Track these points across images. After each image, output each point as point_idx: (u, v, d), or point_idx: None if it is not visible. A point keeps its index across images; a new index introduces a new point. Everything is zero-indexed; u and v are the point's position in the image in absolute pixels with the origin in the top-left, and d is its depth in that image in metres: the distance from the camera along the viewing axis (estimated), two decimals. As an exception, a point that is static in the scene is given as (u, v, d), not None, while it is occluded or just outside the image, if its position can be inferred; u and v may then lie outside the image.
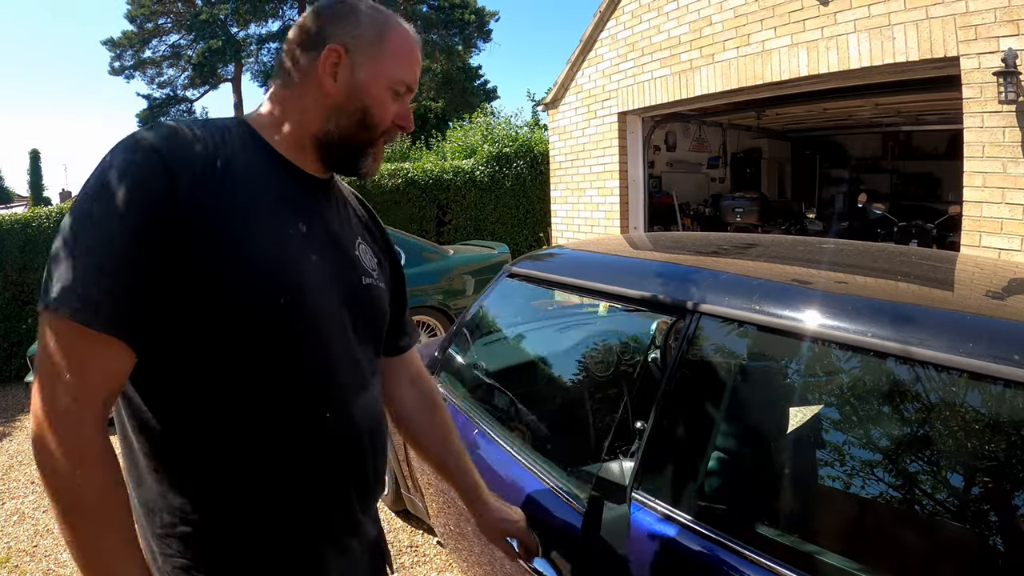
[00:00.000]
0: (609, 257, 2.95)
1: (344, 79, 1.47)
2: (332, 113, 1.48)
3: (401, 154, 21.81)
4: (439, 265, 8.93)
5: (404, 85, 1.54)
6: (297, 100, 1.49)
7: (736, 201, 11.72)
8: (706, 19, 7.80)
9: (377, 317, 1.66)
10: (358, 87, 1.48)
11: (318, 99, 1.48)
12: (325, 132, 1.49)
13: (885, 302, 1.78)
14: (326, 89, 1.46)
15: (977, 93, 5.24)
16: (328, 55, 1.45)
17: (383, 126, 1.54)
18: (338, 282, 1.51)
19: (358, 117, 1.50)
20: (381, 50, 1.49)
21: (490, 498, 2.01)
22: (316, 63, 1.46)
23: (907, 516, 1.58)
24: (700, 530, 1.75)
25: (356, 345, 1.55)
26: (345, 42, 1.46)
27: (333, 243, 1.53)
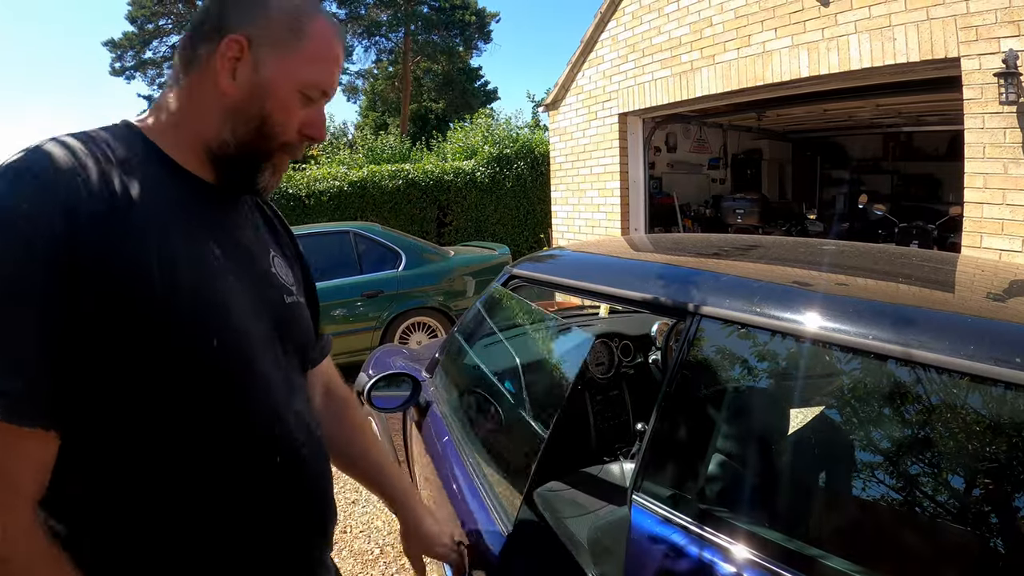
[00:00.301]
0: (610, 259, 2.95)
1: (245, 77, 1.26)
2: (228, 117, 1.28)
3: (402, 155, 21.84)
4: (440, 266, 8.94)
5: (318, 89, 1.34)
6: (191, 100, 1.29)
7: (737, 202, 11.72)
8: (706, 20, 7.80)
9: (304, 338, 1.51)
10: (260, 88, 1.27)
11: (213, 99, 1.27)
12: (219, 141, 1.29)
13: (886, 304, 1.77)
14: (222, 88, 1.26)
15: (978, 94, 5.24)
16: (227, 47, 1.25)
17: (285, 136, 1.33)
18: (264, 308, 1.35)
19: (256, 124, 1.29)
20: (293, 46, 1.29)
21: (419, 510, 1.86)
22: (214, 56, 1.25)
23: (910, 519, 1.58)
24: (701, 532, 1.75)
25: (291, 374, 1.41)
26: (249, 32, 1.25)
27: (250, 263, 1.37)
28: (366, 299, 8.28)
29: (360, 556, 4.40)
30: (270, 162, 1.36)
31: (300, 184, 13.63)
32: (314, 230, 9.05)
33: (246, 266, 1.34)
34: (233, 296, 1.26)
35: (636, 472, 2.00)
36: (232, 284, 1.27)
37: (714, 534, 1.72)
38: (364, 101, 46.48)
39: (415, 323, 8.57)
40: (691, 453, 1.99)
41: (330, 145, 23.47)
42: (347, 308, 8.19)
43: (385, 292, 8.37)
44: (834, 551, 1.54)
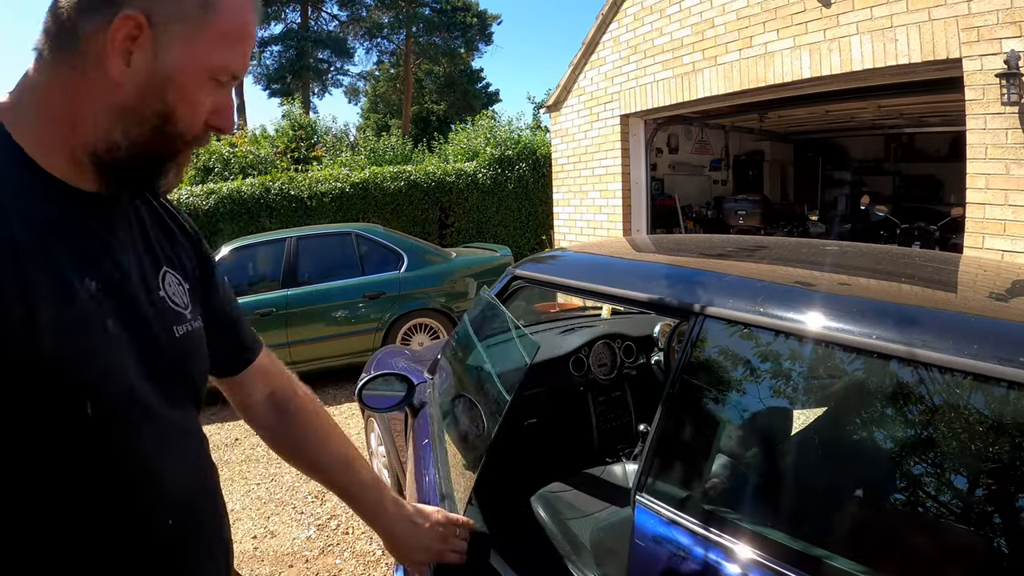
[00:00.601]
0: (613, 259, 2.95)
1: (142, 64, 1.01)
2: (119, 115, 1.03)
3: (404, 157, 21.86)
4: (441, 268, 8.95)
5: (229, 73, 1.10)
6: (68, 90, 1.02)
7: (739, 204, 11.72)
8: (708, 21, 7.81)
9: (195, 373, 1.29)
10: (163, 77, 1.03)
11: (100, 92, 1.01)
12: (108, 144, 1.04)
13: (890, 304, 1.77)
14: (113, 77, 0.99)
15: (980, 95, 5.24)
16: (121, 26, 0.97)
17: (193, 132, 1.11)
18: (148, 350, 1.13)
19: (156, 123, 1.06)
20: (203, 22, 1.04)
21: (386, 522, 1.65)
22: (102, 36, 0.98)
23: (916, 520, 1.58)
24: (706, 533, 1.75)
25: (181, 418, 1.22)
26: (150, 8, 0.99)
27: (134, 294, 1.14)
28: (368, 300, 8.29)
29: (362, 558, 4.40)
30: (173, 162, 1.14)
31: (302, 185, 13.64)
32: (316, 231, 9.09)
33: (129, 299, 1.13)
34: (112, 346, 1.06)
35: (640, 473, 2.00)
36: (112, 330, 1.06)
37: (719, 535, 1.72)
38: (365, 103, 46.59)
39: (417, 324, 8.58)
40: (695, 454, 1.99)
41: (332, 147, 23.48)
42: (349, 309, 8.21)
43: (387, 293, 8.38)
44: (840, 552, 1.54)
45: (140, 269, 1.17)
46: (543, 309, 9.49)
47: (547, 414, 3.90)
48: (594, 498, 3.12)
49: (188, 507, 1.20)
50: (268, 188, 13.43)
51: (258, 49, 40.55)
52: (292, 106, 21.00)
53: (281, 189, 13.46)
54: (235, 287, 7.97)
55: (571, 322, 4.62)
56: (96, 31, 0.98)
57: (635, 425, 3.95)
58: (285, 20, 41.13)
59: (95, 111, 1.02)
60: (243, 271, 8.55)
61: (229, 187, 13.30)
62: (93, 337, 1.02)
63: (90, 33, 0.99)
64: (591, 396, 4.06)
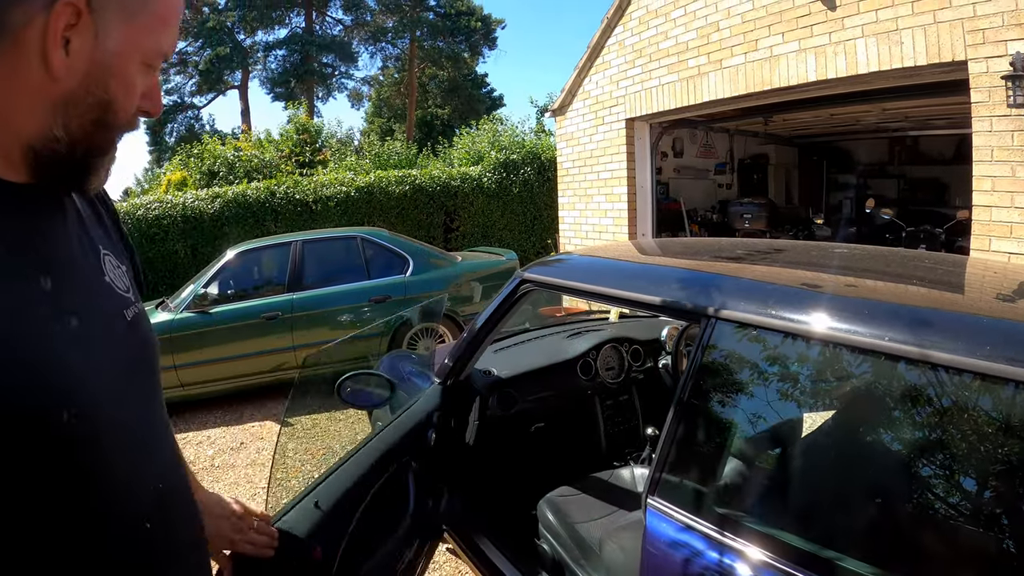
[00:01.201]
0: (624, 263, 2.95)
1: (81, 53, 0.95)
2: (59, 109, 0.97)
3: (408, 161, 21.89)
4: (446, 272, 8.96)
5: (162, 56, 1.06)
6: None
7: (744, 207, 11.71)
8: (714, 25, 7.81)
9: (151, 353, 1.24)
10: (103, 65, 0.98)
11: (36, 85, 0.94)
12: (46, 139, 0.98)
13: (901, 305, 1.78)
14: (53, 70, 0.93)
15: (985, 97, 5.24)
16: (62, 13, 0.91)
17: (127, 116, 1.06)
18: (110, 341, 1.09)
19: (97, 113, 1.00)
20: (142, 5, 1.00)
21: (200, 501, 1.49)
22: (38, 25, 0.91)
23: (930, 522, 1.58)
24: (719, 537, 1.75)
25: (151, 410, 1.20)
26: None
27: (87, 286, 1.10)
28: (374, 304, 8.29)
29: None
30: (109, 154, 1.09)
31: (307, 190, 13.66)
32: (322, 235, 9.10)
33: (83, 292, 1.08)
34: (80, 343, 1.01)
35: (651, 476, 2.00)
36: (75, 329, 1.01)
37: (731, 538, 1.72)
38: (370, 107, 46.65)
39: (423, 328, 8.59)
40: (708, 457, 1.99)
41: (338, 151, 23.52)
42: (355, 313, 8.21)
43: (393, 297, 8.38)
44: (853, 554, 1.55)
45: (85, 258, 1.12)
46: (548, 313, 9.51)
47: (555, 418, 3.90)
48: (603, 502, 3.12)
49: (166, 504, 1.17)
50: (273, 192, 13.46)
51: (262, 53, 40.75)
52: (297, 110, 21.03)
53: (286, 193, 13.49)
54: (241, 291, 8.02)
55: (578, 326, 4.62)
56: (29, 20, 0.90)
57: (642, 429, 3.95)
58: (290, 24, 41.29)
59: (31, 104, 0.95)
60: (249, 275, 8.55)
61: (234, 191, 13.33)
62: (60, 338, 0.98)
63: (21, 22, 0.90)
64: (599, 400, 4.06)
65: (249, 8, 38.33)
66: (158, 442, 1.21)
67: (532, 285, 2.97)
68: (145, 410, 1.16)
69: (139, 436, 1.13)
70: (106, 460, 1.02)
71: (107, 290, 1.13)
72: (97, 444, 1.00)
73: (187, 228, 12.75)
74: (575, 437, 4.00)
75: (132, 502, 1.08)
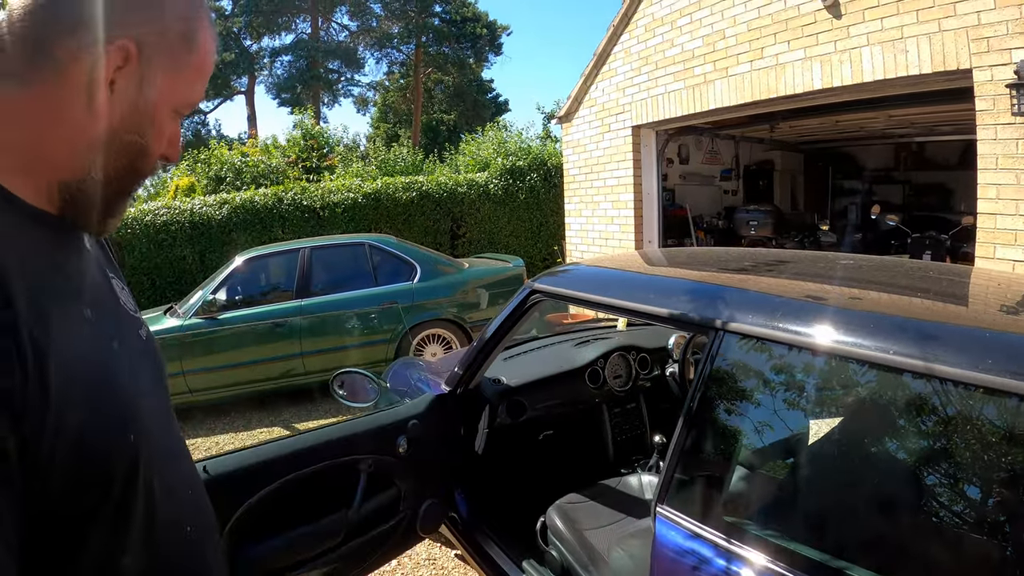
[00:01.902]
0: (633, 274, 2.98)
1: (125, 94, 0.98)
2: (98, 148, 0.98)
3: (415, 167, 21.90)
4: (454, 279, 9.00)
5: (192, 107, 1.10)
6: (39, 116, 0.95)
7: (750, 214, 11.70)
8: (720, 33, 7.83)
9: (163, 368, 1.25)
10: (143, 111, 1.01)
11: (79, 120, 0.95)
12: (81, 178, 0.99)
13: (906, 319, 1.80)
14: (97, 106, 0.95)
15: (990, 105, 5.25)
16: (114, 54, 0.94)
17: (153, 162, 1.08)
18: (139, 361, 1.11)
19: (131, 157, 1.03)
20: (184, 59, 1.03)
21: None
22: (84, 60, 0.93)
23: (939, 533, 1.60)
24: (728, 545, 1.77)
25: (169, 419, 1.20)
26: (141, 36, 0.97)
27: (112, 310, 1.11)
28: (381, 311, 8.31)
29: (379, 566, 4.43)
30: (127, 199, 1.11)
31: (314, 196, 13.67)
32: (330, 242, 9.13)
33: (112, 316, 1.10)
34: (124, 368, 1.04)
35: (660, 484, 2.03)
36: (118, 352, 1.04)
37: (740, 546, 1.74)
38: (375, 113, 46.68)
39: (430, 335, 8.61)
40: (716, 466, 2.02)
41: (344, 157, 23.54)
42: (362, 320, 8.24)
43: (400, 304, 8.41)
44: (862, 564, 1.57)
45: (104, 283, 1.13)
46: (554, 320, 9.53)
47: (563, 426, 3.93)
48: (611, 509, 3.14)
49: (200, 509, 1.22)
50: (281, 198, 13.47)
51: (269, 59, 40.82)
52: (304, 116, 21.04)
53: (294, 199, 13.50)
54: (248, 297, 8.03)
55: (586, 334, 4.65)
56: (77, 56, 0.93)
57: (650, 436, 3.98)
58: (296, 30, 41.35)
59: (71, 139, 0.96)
60: (256, 281, 8.59)
61: (242, 197, 13.33)
62: (114, 362, 1.01)
63: (70, 56, 0.93)
64: (606, 408, 4.09)
65: (255, 14, 38.41)
66: (182, 451, 1.24)
67: (541, 295, 3.00)
68: (168, 422, 1.19)
69: (170, 447, 1.15)
70: (155, 473, 1.04)
71: (124, 313, 1.15)
72: (149, 460, 1.02)
73: (195, 234, 12.75)
74: (583, 444, 4.02)
75: (176, 510, 1.11)
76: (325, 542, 2.62)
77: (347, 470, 2.76)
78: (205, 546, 1.21)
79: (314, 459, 2.61)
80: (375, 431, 2.91)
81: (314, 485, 2.61)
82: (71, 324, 0.94)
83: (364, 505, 2.78)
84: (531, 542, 3.21)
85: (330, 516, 2.64)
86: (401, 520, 3.02)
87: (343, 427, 2.82)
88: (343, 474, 2.74)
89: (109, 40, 0.93)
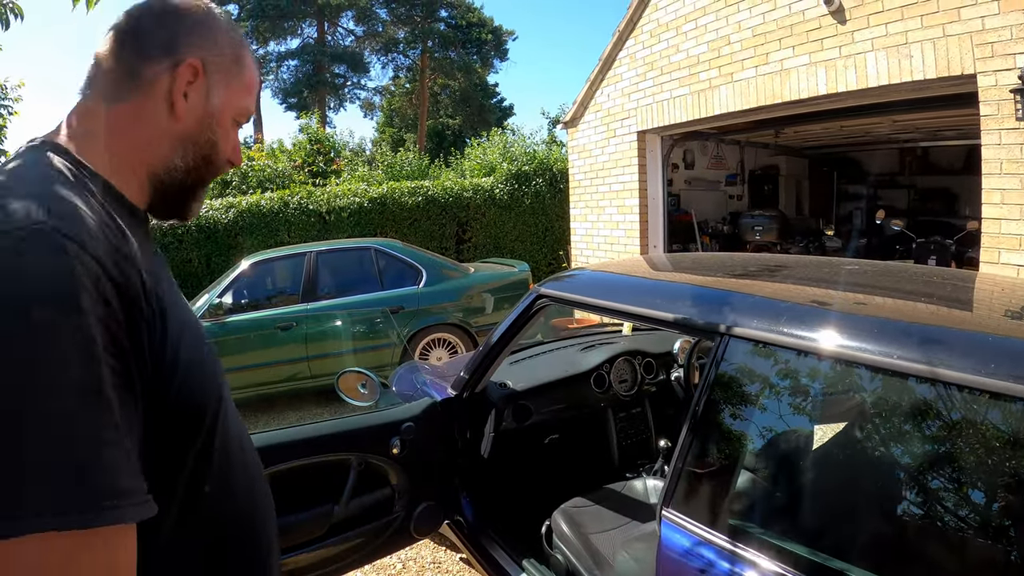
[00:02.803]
0: (639, 279, 2.98)
1: (196, 104, 1.25)
2: (180, 144, 1.25)
3: (421, 172, 21.90)
4: (459, 283, 9.00)
5: (246, 117, 1.36)
6: (137, 123, 1.21)
7: (755, 219, 11.68)
8: (724, 39, 7.84)
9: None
10: (210, 115, 1.27)
11: (164, 124, 1.22)
12: (169, 168, 1.25)
13: (911, 324, 1.81)
14: (178, 113, 1.22)
15: (994, 110, 5.25)
16: (186, 71, 1.21)
17: (224, 159, 1.34)
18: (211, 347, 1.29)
19: (207, 150, 1.29)
20: (236, 74, 1.31)
21: None
22: (164, 77, 1.20)
23: (943, 536, 1.61)
24: (734, 548, 1.78)
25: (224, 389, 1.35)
26: (204, 58, 1.24)
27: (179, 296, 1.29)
28: (383, 315, 8.30)
29: (384, 570, 4.44)
30: (205, 188, 1.37)
31: (320, 200, 13.68)
32: (336, 246, 9.15)
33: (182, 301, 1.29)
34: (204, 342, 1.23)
35: (666, 489, 2.04)
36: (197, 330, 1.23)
37: (746, 549, 1.76)
38: (381, 117, 46.69)
39: (435, 339, 8.62)
40: (722, 470, 2.03)
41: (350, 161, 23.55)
42: (368, 324, 8.24)
43: (406, 308, 8.43)
44: (867, 567, 1.58)
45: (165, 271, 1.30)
46: (559, 325, 9.53)
47: (568, 430, 3.94)
48: (616, 513, 3.15)
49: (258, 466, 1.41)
50: (287, 203, 13.48)
51: (275, 63, 40.82)
52: (310, 120, 21.05)
53: (300, 204, 13.50)
54: (254, 301, 8.04)
55: (592, 339, 4.65)
56: (159, 73, 1.20)
57: (655, 441, 3.99)
58: (302, 35, 41.41)
59: (159, 138, 1.22)
60: (263, 285, 8.62)
61: (248, 201, 13.33)
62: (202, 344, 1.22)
63: (152, 75, 1.20)
64: (611, 412, 4.10)
65: (262, 19, 38.45)
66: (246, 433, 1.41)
67: (548, 300, 3.02)
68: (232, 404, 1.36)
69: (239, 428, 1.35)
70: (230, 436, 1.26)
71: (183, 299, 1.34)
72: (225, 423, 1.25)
73: (201, 237, 12.76)
74: (588, 449, 4.03)
75: (237, 448, 1.30)
76: (311, 531, 2.67)
77: (338, 466, 2.80)
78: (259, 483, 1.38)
79: (303, 452, 2.67)
80: (368, 430, 2.95)
81: (303, 477, 2.67)
82: (174, 292, 1.21)
83: (354, 501, 2.82)
84: (536, 546, 3.22)
85: (317, 508, 2.68)
86: (393, 520, 3.04)
87: (336, 423, 2.86)
88: (334, 469, 2.80)
89: (181, 61, 1.21)
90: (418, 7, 40.97)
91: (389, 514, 3.04)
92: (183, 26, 1.23)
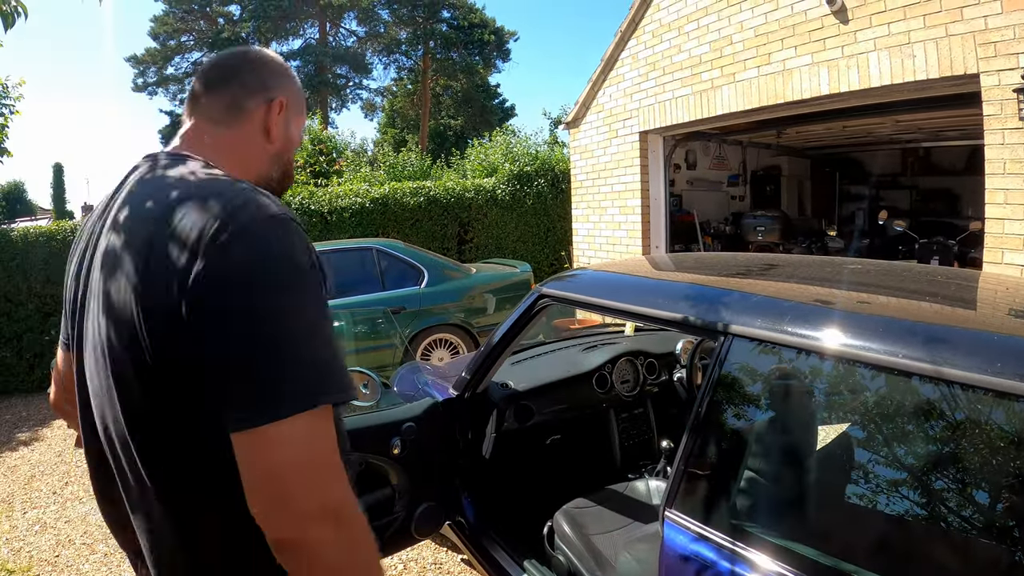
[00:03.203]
0: (641, 279, 2.97)
1: (281, 130, 1.57)
2: (273, 160, 1.58)
3: (423, 172, 21.89)
4: (461, 284, 9.01)
5: (299, 143, 1.67)
6: (247, 143, 1.54)
7: (757, 220, 11.66)
8: (726, 39, 7.83)
9: None
10: (289, 140, 1.60)
11: (263, 145, 1.55)
12: (268, 180, 1.57)
13: (915, 322, 1.80)
14: (273, 136, 1.55)
15: (997, 110, 5.24)
16: (279, 105, 1.55)
17: (292, 177, 1.67)
18: None
19: (286, 168, 1.62)
20: (301, 111, 1.64)
21: None
22: (261, 109, 1.53)
23: (946, 536, 1.60)
24: (736, 549, 1.78)
25: None
26: (287, 96, 1.58)
27: None
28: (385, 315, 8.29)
29: (385, 571, 4.42)
30: (285, 192, 1.69)
31: (322, 200, 13.65)
32: (338, 246, 9.12)
33: None
34: None
35: (668, 489, 2.03)
36: None
37: (748, 550, 1.75)
38: (383, 118, 46.68)
39: (437, 340, 8.61)
40: (724, 470, 2.02)
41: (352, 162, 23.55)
42: (369, 324, 8.23)
43: (407, 309, 8.42)
44: (869, 568, 1.57)
45: None
46: (561, 326, 9.52)
47: (570, 430, 3.93)
48: (618, 514, 3.14)
49: None
50: (288, 203, 13.45)
51: (277, 64, 40.84)
52: (312, 121, 21.04)
53: (301, 204, 13.49)
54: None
55: (594, 339, 4.64)
56: (258, 106, 1.53)
57: (657, 441, 3.97)
58: (304, 35, 41.49)
59: (261, 156, 1.55)
60: (264, 285, 8.52)
61: (250, 202, 13.31)
62: None
63: (253, 108, 1.52)
64: (614, 413, 4.09)
65: (263, 19, 38.53)
66: None
67: (550, 300, 3.01)
68: None
69: None
70: None
71: None
72: None
73: (203, 238, 12.76)
74: (590, 449, 4.02)
75: None
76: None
77: None
78: None
79: None
80: (369, 430, 2.94)
81: None
82: None
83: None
84: (538, 547, 3.21)
85: None
86: (394, 520, 3.04)
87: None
88: None
89: (273, 98, 1.54)
90: (420, 8, 41.03)
91: (390, 514, 3.03)
92: (274, 72, 1.57)
